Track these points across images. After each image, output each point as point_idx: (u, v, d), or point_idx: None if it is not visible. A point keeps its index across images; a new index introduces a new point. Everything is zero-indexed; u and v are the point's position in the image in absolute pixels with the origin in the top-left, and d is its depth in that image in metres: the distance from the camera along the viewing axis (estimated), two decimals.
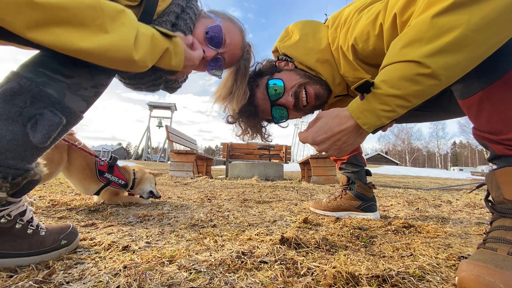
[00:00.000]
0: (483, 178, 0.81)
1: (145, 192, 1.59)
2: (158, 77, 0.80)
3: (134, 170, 1.60)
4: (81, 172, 1.34)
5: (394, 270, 0.60)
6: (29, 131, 0.54)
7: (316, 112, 1.13)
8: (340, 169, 1.42)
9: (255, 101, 0.99)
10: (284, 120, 1.02)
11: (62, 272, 0.56)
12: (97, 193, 1.44)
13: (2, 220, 0.59)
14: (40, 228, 0.67)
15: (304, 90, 0.92)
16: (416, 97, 0.54)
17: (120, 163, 1.62)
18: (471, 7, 0.47)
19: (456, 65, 0.51)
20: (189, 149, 5.14)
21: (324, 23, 0.98)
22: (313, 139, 0.66)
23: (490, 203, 0.64)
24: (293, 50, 0.95)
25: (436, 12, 0.50)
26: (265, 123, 1.09)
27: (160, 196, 1.67)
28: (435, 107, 0.94)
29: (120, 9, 0.52)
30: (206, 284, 0.53)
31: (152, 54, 0.60)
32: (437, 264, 0.66)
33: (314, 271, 0.60)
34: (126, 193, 1.60)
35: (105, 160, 1.46)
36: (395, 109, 0.56)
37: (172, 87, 0.90)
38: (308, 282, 0.54)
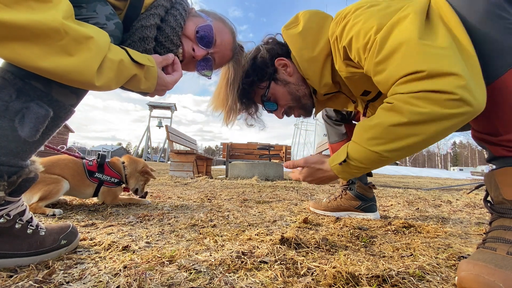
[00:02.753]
0: (483, 178, 0.80)
1: (132, 190, 1.57)
2: None
3: (124, 164, 1.52)
4: (71, 179, 1.30)
5: (394, 270, 0.60)
6: (17, 125, 0.53)
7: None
8: None
9: (251, 97, 1.05)
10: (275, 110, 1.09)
11: (62, 272, 0.56)
12: (95, 195, 1.41)
13: (1, 220, 0.59)
14: (40, 228, 0.67)
15: (292, 111, 1.05)
16: (379, 167, 0.72)
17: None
18: (422, 126, 0.58)
19: (408, 154, 0.65)
20: (189, 149, 5.14)
21: None
22: (303, 180, 0.90)
23: (489, 204, 0.64)
24: (292, 41, 0.94)
25: (394, 123, 0.60)
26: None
27: (143, 194, 1.60)
28: None
29: (87, 35, 0.51)
30: (206, 284, 0.53)
31: (117, 79, 0.60)
32: (437, 264, 0.66)
33: (314, 271, 0.60)
34: (123, 192, 1.57)
35: (93, 159, 1.41)
36: (364, 171, 0.74)
37: None
38: (308, 282, 0.54)
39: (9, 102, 0.53)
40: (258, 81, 0.99)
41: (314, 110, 1.09)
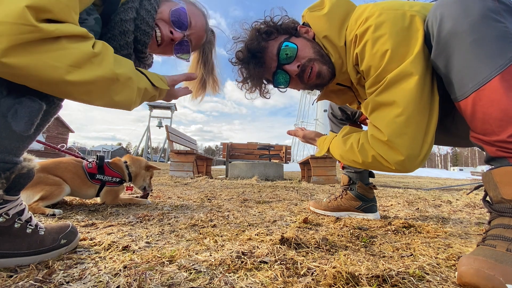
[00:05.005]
0: (481, 177, 0.81)
1: (141, 188, 1.61)
2: (128, 56, 0.80)
3: (127, 163, 1.54)
4: (72, 182, 1.32)
5: (394, 270, 0.60)
6: (10, 121, 0.54)
7: (310, 93, 1.18)
8: (343, 168, 1.42)
9: (264, 55, 0.95)
10: (284, 86, 1.00)
11: (62, 272, 0.56)
12: (98, 195, 1.43)
13: (0, 219, 0.59)
14: (39, 228, 0.67)
15: (310, 66, 0.91)
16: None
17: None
18: (365, 166, 0.86)
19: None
20: (189, 149, 5.14)
21: None
22: (301, 138, 1.18)
23: (488, 203, 0.65)
24: (316, 22, 0.92)
25: (354, 160, 0.86)
26: (265, 81, 1.05)
27: (152, 190, 1.67)
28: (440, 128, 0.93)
29: (129, 77, 0.64)
30: (206, 284, 0.53)
31: (142, 101, 0.73)
32: (437, 264, 0.66)
33: (314, 271, 0.60)
34: (126, 190, 1.58)
35: (93, 161, 1.42)
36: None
37: (145, 64, 0.91)
38: (308, 282, 0.54)
39: (1, 99, 0.53)
40: (276, 33, 0.95)
41: (318, 96, 1.09)
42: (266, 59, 0.95)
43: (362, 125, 1.39)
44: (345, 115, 1.38)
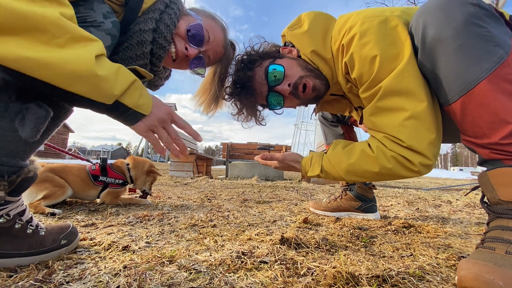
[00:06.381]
0: (477, 178, 0.81)
1: (141, 189, 1.61)
2: (144, 66, 0.78)
3: (128, 166, 1.54)
4: (75, 184, 1.36)
5: (394, 270, 0.60)
6: (17, 126, 0.54)
7: (309, 106, 1.14)
8: None
9: (253, 83, 0.96)
10: (279, 107, 1.00)
11: (62, 272, 0.56)
12: (99, 196, 1.45)
13: (1, 220, 0.59)
14: (40, 228, 0.67)
15: (303, 83, 0.90)
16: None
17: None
18: (382, 175, 0.78)
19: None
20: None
21: None
22: (274, 167, 1.03)
23: (486, 204, 0.65)
24: (298, 40, 0.93)
25: (368, 169, 0.78)
26: (260, 108, 1.07)
27: (151, 194, 1.66)
28: None
29: (88, 37, 0.50)
30: (206, 284, 0.53)
31: (117, 79, 0.54)
32: (437, 264, 0.66)
33: (314, 271, 0.60)
34: (129, 192, 1.59)
35: (96, 163, 1.45)
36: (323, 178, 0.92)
37: (155, 84, 0.90)
38: (308, 282, 0.54)
39: (9, 103, 0.53)
40: (260, 59, 0.96)
41: (315, 107, 1.09)
42: (256, 86, 0.96)
43: (354, 126, 1.39)
44: (335, 117, 1.38)
